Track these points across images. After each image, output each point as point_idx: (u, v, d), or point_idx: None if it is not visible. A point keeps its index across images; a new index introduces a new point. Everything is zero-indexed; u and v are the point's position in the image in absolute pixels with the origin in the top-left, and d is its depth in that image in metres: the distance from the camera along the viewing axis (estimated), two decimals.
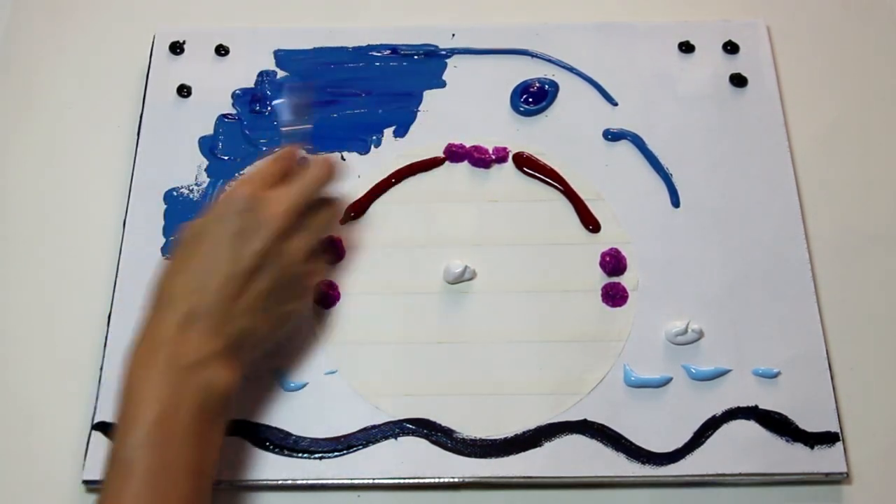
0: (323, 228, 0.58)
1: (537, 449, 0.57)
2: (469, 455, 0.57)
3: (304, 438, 0.57)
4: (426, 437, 0.58)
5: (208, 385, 0.49)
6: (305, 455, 0.57)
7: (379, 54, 0.71)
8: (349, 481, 0.56)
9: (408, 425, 0.58)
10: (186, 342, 0.50)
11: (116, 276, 0.62)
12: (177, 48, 0.71)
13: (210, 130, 0.68)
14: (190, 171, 0.66)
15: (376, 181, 0.66)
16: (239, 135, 0.68)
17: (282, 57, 0.71)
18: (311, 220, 0.56)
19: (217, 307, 0.51)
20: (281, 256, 0.53)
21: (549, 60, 0.70)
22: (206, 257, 0.52)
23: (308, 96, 0.66)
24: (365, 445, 0.57)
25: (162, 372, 0.48)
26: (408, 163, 0.66)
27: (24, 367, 0.61)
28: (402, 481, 0.57)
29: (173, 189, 0.66)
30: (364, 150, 0.67)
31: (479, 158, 0.66)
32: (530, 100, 0.68)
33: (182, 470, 0.47)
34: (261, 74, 0.70)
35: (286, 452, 0.57)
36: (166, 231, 0.64)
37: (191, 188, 0.66)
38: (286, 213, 0.53)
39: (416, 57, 0.70)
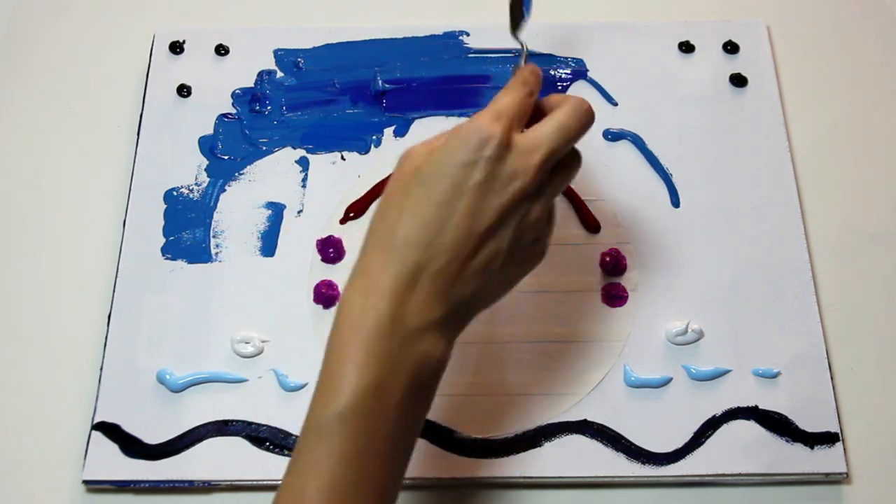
0: (564, 185, 0.50)
1: (537, 449, 0.57)
2: (469, 455, 0.57)
3: None
4: (426, 437, 0.58)
5: (425, 358, 0.44)
6: None
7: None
8: None
9: None
10: (410, 302, 0.44)
11: (116, 276, 0.62)
12: (177, 48, 0.71)
13: (210, 130, 0.68)
14: (190, 170, 0.66)
15: (376, 181, 0.66)
16: (239, 134, 0.68)
17: (282, 57, 0.71)
18: (558, 175, 0.48)
19: (448, 268, 0.45)
20: (523, 217, 0.46)
21: (550, 59, 0.70)
22: (443, 205, 0.45)
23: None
24: None
25: (381, 335, 0.43)
26: None
27: (24, 367, 0.61)
28: None
29: (173, 189, 0.66)
30: (364, 150, 0.67)
31: None
32: None
33: (387, 449, 0.43)
34: (261, 74, 0.70)
35: (286, 452, 0.57)
36: (166, 231, 0.64)
37: (191, 188, 0.66)
38: (537, 167, 0.46)
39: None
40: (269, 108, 0.69)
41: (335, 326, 0.45)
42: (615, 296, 0.62)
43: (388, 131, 0.68)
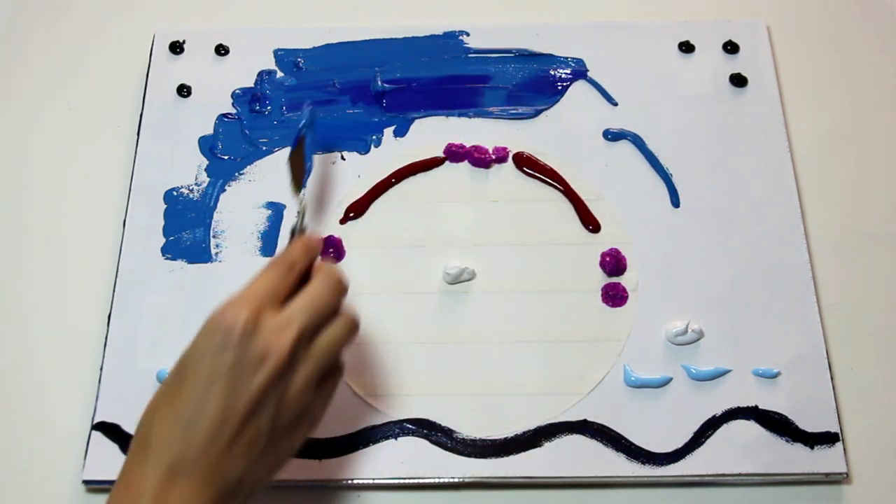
0: (333, 354, 0.49)
1: (537, 449, 0.57)
2: (469, 455, 0.57)
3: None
4: (426, 437, 0.58)
5: None
6: (305, 455, 0.57)
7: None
8: (349, 481, 0.56)
9: (408, 425, 0.58)
10: (171, 496, 0.43)
11: (116, 276, 0.62)
12: (177, 48, 0.71)
13: (210, 130, 0.68)
14: (190, 171, 0.66)
15: (376, 181, 0.66)
16: (239, 134, 0.68)
17: (282, 57, 0.71)
18: (318, 346, 0.48)
19: (205, 454, 0.44)
20: (281, 395, 0.46)
21: (550, 59, 0.70)
22: (195, 397, 0.44)
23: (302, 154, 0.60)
24: (365, 445, 0.57)
25: None
26: (408, 163, 0.66)
27: (24, 368, 0.61)
28: (402, 481, 0.57)
29: (173, 189, 0.66)
30: (364, 150, 0.67)
31: (479, 158, 0.66)
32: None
33: None
34: (261, 74, 0.70)
35: None
36: (166, 231, 0.64)
37: (191, 188, 0.66)
38: (288, 345, 0.45)
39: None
40: (269, 108, 0.69)
41: None
42: (615, 296, 0.62)
43: (388, 131, 0.68)
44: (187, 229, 0.64)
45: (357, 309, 0.51)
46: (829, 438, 0.57)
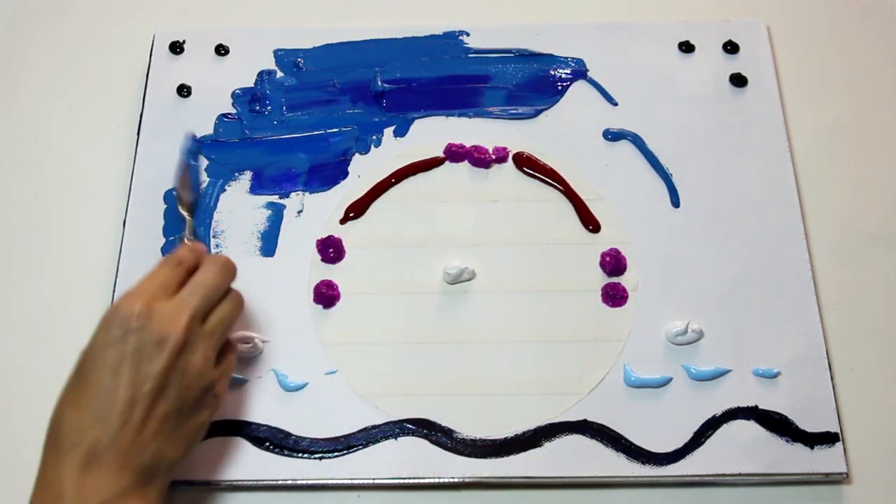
0: (225, 330, 0.53)
1: (537, 449, 0.57)
2: (469, 455, 0.57)
3: (304, 438, 0.57)
4: (426, 437, 0.58)
5: None
6: (305, 455, 0.57)
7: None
8: (349, 481, 0.56)
9: (408, 425, 0.58)
10: (89, 484, 0.45)
11: (116, 276, 0.62)
12: (177, 48, 0.71)
13: (210, 130, 0.68)
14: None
15: (376, 181, 0.66)
16: (239, 135, 0.68)
17: (282, 57, 0.71)
18: (210, 325, 0.51)
19: (120, 440, 0.46)
20: (184, 373, 0.49)
21: (550, 59, 0.70)
22: (101, 385, 0.47)
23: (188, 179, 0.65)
24: (365, 445, 0.57)
25: None
26: (408, 163, 0.66)
27: (24, 368, 0.61)
28: (402, 481, 0.57)
29: (173, 189, 0.66)
30: (364, 150, 0.67)
31: (479, 158, 0.66)
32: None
33: None
34: (261, 74, 0.70)
35: (286, 452, 0.57)
36: (166, 231, 0.64)
37: None
38: (183, 326, 0.49)
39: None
40: (269, 108, 0.69)
41: None
42: (615, 296, 0.62)
43: (388, 131, 0.68)
44: None
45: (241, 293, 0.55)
46: (829, 438, 0.57)
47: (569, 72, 0.70)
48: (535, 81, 0.70)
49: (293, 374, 0.59)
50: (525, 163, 0.66)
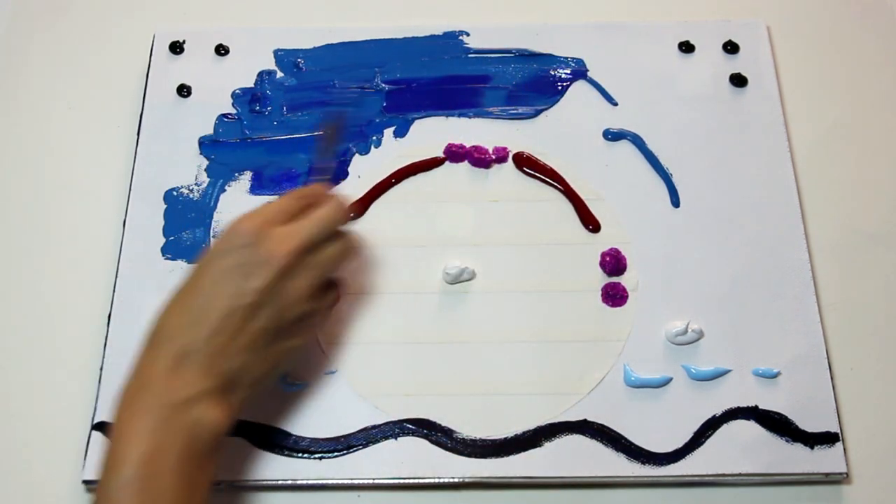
0: (331, 267, 0.55)
1: (537, 449, 0.57)
2: (469, 455, 0.57)
3: (304, 438, 0.57)
4: (426, 437, 0.58)
5: (197, 424, 0.48)
6: (305, 455, 0.57)
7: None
8: (349, 481, 0.56)
9: (408, 425, 0.58)
10: (177, 380, 0.48)
11: (116, 276, 0.62)
12: (177, 48, 0.71)
13: (210, 130, 0.68)
14: (190, 171, 0.66)
15: (376, 181, 0.66)
16: (239, 135, 0.68)
17: (282, 57, 0.71)
18: (318, 258, 0.53)
19: (211, 345, 0.49)
20: (283, 295, 0.51)
21: (550, 59, 0.70)
22: (204, 292, 0.50)
23: (338, 131, 0.65)
24: (365, 445, 0.57)
25: (150, 410, 0.47)
26: (408, 163, 0.66)
27: (24, 368, 0.61)
28: (402, 481, 0.57)
29: (173, 189, 0.66)
30: (364, 151, 0.67)
31: (479, 158, 0.66)
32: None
33: None
34: (261, 74, 0.70)
35: (286, 452, 0.57)
36: (166, 231, 0.64)
37: (191, 188, 0.66)
38: (291, 251, 0.51)
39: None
40: (269, 108, 0.69)
41: (114, 414, 0.48)
42: (615, 296, 0.62)
43: (388, 131, 0.68)
44: (187, 229, 0.64)
45: (359, 237, 0.57)
46: (829, 438, 0.57)
47: (569, 72, 0.70)
48: (535, 81, 0.70)
49: (293, 374, 0.59)
50: (525, 163, 0.66)
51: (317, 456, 0.57)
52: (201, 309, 0.50)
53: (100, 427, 0.57)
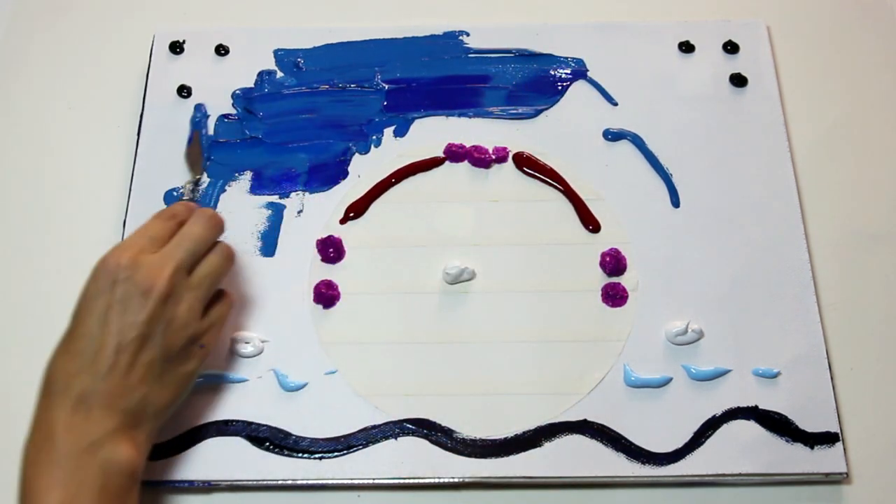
0: (212, 282, 0.55)
1: (537, 449, 0.57)
2: (469, 455, 0.57)
3: (304, 438, 0.58)
4: (426, 437, 0.58)
5: (108, 464, 0.48)
6: (305, 455, 0.57)
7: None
8: (349, 481, 0.56)
9: (408, 425, 0.58)
10: (79, 426, 0.48)
11: None
12: (177, 48, 0.71)
13: (210, 130, 0.68)
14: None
15: (376, 181, 0.66)
16: (239, 135, 0.68)
17: (282, 57, 0.71)
18: (197, 276, 0.53)
19: (107, 384, 0.49)
20: (169, 322, 0.51)
21: (550, 59, 0.70)
22: (90, 334, 0.50)
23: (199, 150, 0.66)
24: (365, 445, 0.57)
25: (56, 461, 0.47)
26: (408, 163, 0.66)
27: (25, 368, 0.61)
28: (402, 481, 0.57)
29: (173, 189, 0.66)
30: (364, 150, 0.67)
31: (479, 158, 0.66)
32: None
33: None
34: (261, 74, 0.70)
35: (286, 452, 0.57)
36: None
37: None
38: (169, 276, 0.51)
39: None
40: (260, 113, 0.69)
41: (21, 472, 0.48)
42: (615, 296, 0.62)
43: (388, 131, 0.68)
44: None
45: (231, 245, 0.57)
46: (829, 438, 0.57)
47: (569, 72, 0.70)
48: (535, 81, 0.70)
49: (293, 374, 0.59)
50: (525, 163, 0.66)
51: (317, 456, 0.57)
52: (90, 351, 0.49)
53: None
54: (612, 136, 0.67)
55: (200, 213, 0.55)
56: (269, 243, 0.64)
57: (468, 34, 0.71)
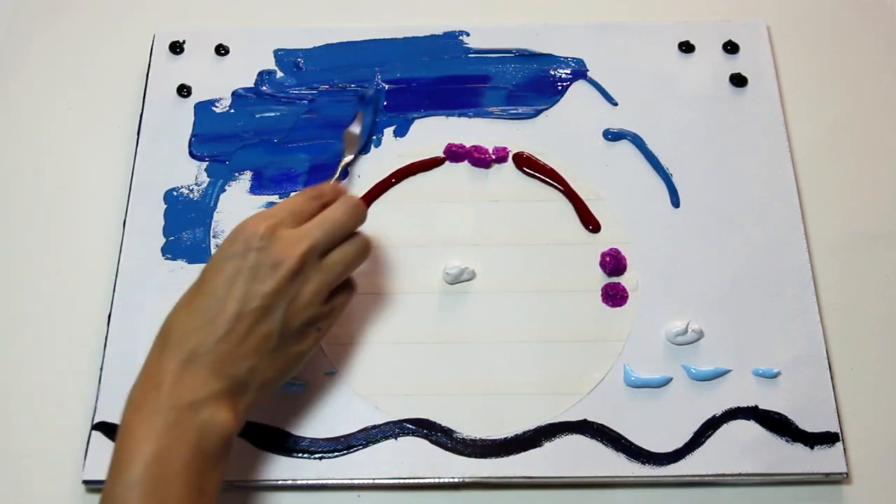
0: (342, 271, 0.54)
1: (537, 449, 0.57)
2: (469, 455, 0.57)
3: (304, 438, 0.58)
4: (426, 437, 0.58)
5: (205, 426, 0.48)
6: (305, 455, 0.57)
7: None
8: (349, 481, 0.56)
9: (408, 425, 0.58)
10: (186, 382, 0.48)
11: (116, 276, 0.62)
12: (177, 48, 0.71)
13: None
14: (190, 171, 0.66)
15: (376, 181, 0.66)
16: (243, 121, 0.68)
17: (282, 57, 0.71)
18: (329, 262, 0.53)
19: (220, 347, 0.49)
20: (294, 299, 0.51)
21: (550, 59, 0.70)
22: (213, 295, 0.50)
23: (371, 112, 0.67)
24: (365, 445, 0.57)
25: (158, 411, 0.47)
26: (408, 163, 0.66)
27: (24, 368, 0.61)
28: (402, 481, 0.57)
29: (173, 189, 0.66)
30: (364, 151, 0.67)
31: (479, 158, 0.66)
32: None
33: None
34: (261, 74, 0.70)
35: (286, 452, 0.57)
36: (166, 231, 0.64)
37: (191, 188, 0.66)
38: (302, 254, 0.51)
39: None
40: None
41: (122, 414, 0.48)
42: (615, 296, 0.62)
43: (388, 131, 0.68)
44: (187, 229, 0.64)
45: (371, 239, 0.56)
46: (829, 438, 0.57)
47: (569, 72, 0.70)
48: (535, 81, 0.70)
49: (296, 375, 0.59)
50: (525, 163, 0.66)
51: (317, 456, 0.57)
52: (211, 311, 0.49)
53: (100, 427, 0.57)
54: (612, 136, 0.67)
55: (346, 199, 0.55)
56: None
57: (468, 34, 0.71)
